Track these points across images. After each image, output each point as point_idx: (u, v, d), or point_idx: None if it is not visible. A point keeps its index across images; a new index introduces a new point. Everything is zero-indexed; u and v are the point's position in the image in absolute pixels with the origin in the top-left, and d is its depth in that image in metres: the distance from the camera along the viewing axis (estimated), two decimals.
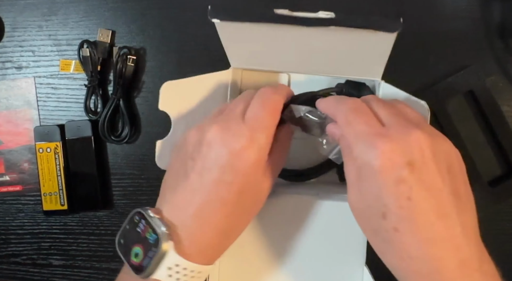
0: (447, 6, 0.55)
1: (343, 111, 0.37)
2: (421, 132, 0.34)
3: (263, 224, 0.50)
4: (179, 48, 0.58)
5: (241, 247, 0.50)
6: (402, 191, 0.32)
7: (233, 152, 0.36)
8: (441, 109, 0.53)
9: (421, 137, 0.33)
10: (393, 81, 0.50)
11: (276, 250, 0.50)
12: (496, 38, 0.54)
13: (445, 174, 0.34)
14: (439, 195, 0.33)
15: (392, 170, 0.33)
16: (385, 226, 0.33)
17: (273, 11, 0.41)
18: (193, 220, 0.37)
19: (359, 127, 0.35)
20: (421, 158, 0.33)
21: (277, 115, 0.40)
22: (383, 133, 0.34)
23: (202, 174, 0.37)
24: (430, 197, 0.32)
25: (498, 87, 0.54)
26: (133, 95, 0.58)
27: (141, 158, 0.59)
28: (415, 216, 0.32)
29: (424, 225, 0.32)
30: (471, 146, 0.53)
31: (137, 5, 0.58)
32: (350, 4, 0.55)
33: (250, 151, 0.37)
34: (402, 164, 0.32)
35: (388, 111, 0.37)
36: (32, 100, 0.60)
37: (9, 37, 0.60)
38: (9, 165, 0.60)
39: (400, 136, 0.34)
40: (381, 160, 0.33)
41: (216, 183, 0.37)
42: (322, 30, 0.41)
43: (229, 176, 0.37)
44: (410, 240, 0.33)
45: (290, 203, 0.49)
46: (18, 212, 0.60)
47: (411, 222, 0.32)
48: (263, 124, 0.38)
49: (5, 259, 0.60)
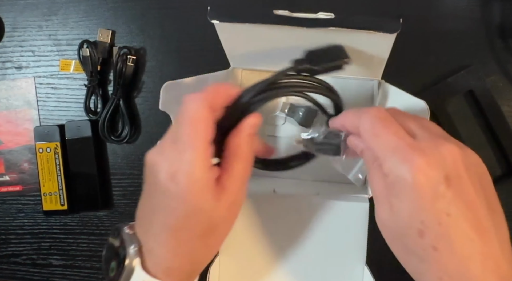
0: (447, 6, 0.54)
1: (367, 121, 0.34)
2: (453, 145, 0.32)
3: (264, 224, 0.50)
4: (179, 48, 0.58)
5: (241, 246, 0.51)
6: (441, 207, 0.31)
7: (168, 177, 0.35)
8: (441, 109, 0.53)
9: (454, 149, 0.32)
10: (393, 81, 0.50)
11: (277, 249, 0.50)
12: (496, 38, 0.54)
13: (478, 188, 0.32)
14: (476, 210, 0.31)
15: (429, 185, 0.31)
16: (422, 244, 0.31)
17: (272, 12, 0.41)
18: (154, 241, 0.37)
19: (389, 139, 0.33)
20: (456, 172, 0.31)
21: (201, 127, 0.35)
22: (415, 146, 0.32)
23: (149, 199, 0.37)
24: (468, 213, 0.31)
25: (498, 87, 0.54)
26: (133, 95, 0.58)
27: (141, 158, 0.58)
28: (455, 233, 0.31)
29: (464, 242, 0.31)
30: (471, 146, 0.53)
31: (137, 5, 0.58)
32: (350, 5, 0.55)
33: (180, 175, 0.34)
34: (439, 179, 0.31)
35: (416, 123, 0.35)
36: (32, 100, 0.60)
37: (9, 37, 0.60)
38: (9, 165, 0.60)
39: (433, 149, 0.32)
40: (417, 175, 0.31)
41: (162, 208, 0.36)
42: (321, 31, 0.41)
43: (170, 201, 0.35)
44: (449, 258, 0.31)
45: (291, 202, 0.49)
46: (18, 212, 0.60)
47: (451, 239, 0.31)
48: (188, 143, 0.34)
49: (5, 259, 0.60)
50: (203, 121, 0.35)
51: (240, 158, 0.37)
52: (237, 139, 0.37)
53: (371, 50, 0.44)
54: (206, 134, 0.35)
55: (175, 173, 0.34)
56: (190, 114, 0.35)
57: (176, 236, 0.36)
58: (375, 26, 0.40)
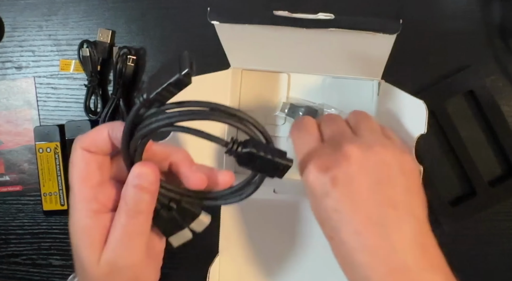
0: (447, 6, 0.54)
1: (292, 128, 0.41)
2: (353, 145, 0.36)
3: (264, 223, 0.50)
4: (179, 48, 0.58)
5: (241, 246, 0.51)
6: (329, 204, 0.35)
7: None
8: (441, 109, 0.53)
9: (351, 151, 0.35)
10: (393, 81, 0.50)
11: (277, 249, 0.50)
12: (496, 38, 0.54)
13: (374, 185, 0.35)
14: (366, 206, 0.34)
15: (318, 186, 0.35)
16: (325, 232, 0.37)
17: (272, 13, 0.41)
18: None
19: (299, 146, 0.39)
20: (345, 172, 0.35)
21: (76, 170, 0.33)
22: (317, 151, 0.37)
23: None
24: (357, 208, 0.34)
25: (498, 87, 0.54)
26: (133, 95, 0.58)
27: None
28: (342, 226, 0.34)
29: (351, 234, 0.34)
30: (471, 146, 0.53)
31: (137, 5, 0.58)
32: (350, 5, 0.55)
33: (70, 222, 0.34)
34: (326, 180, 0.35)
35: (331, 128, 0.39)
36: (32, 100, 0.60)
37: (9, 37, 0.60)
38: (9, 165, 0.60)
39: (330, 152, 0.36)
40: (308, 177, 0.36)
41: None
42: (321, 32, 0.41)
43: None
44: (342, 249, 0.35)
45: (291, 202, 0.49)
46: (18, 212, 0.60)
47: (340, 232, 0.34)
48: (71, 189, 0.34)
49: (5, 259, 0.60)
50: (77, 165, 0.33)
51: (124, 211, 0.33)
52: (124, 189, 0.33)
53: (371, 50, 0.44)
54: (84, 177, 0.33)
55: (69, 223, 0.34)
56: (71, 158, 0.34)
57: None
58: (375, 26, 0.40)
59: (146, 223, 0.34)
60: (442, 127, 0.53)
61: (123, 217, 0.33)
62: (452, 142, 0.53)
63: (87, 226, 0.33)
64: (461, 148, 0.53)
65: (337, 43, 0.44)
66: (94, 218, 0.33)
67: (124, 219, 0.33)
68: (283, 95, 0.54)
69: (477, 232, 0.55)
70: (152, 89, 0.30)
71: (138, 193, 0.33)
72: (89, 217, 0.33)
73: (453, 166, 0.54)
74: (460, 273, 0.34)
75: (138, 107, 0.31)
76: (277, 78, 0.54)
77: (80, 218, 0.33)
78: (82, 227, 0.33)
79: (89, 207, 0.33)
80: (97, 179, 0.34)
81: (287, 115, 0.54)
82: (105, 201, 0.34)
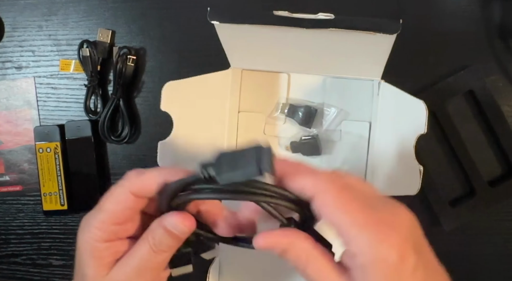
0: (447, 6, 0.54)
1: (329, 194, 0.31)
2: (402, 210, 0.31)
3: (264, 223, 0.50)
4: (179, 48, 0.58)
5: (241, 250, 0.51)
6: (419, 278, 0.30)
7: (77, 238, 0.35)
8: (441, 109, 0.53)
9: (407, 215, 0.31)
10: (393, 81, 0.50)
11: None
12: (496, 38, 0.54)
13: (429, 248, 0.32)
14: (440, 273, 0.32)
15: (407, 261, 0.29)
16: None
17: (272, 13, 0.41)
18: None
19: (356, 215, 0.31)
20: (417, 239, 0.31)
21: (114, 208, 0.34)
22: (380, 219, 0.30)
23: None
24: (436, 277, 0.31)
25: (498, 87, 0.54)
26: (133, 95, 0.58)
27: (141, 158, 0.59)
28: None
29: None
30: (471, 146, 0.53)
31: (137, 5, 0.58)
32: (350, 5, 0.55)
33: (79, 238, 0.35)
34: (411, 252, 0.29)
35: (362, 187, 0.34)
36: (32, 100, 0.60)
37: (9, 37, 0.60)
38: (9, 165, 0.60)
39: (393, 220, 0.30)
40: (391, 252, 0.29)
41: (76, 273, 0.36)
42: (321, 32, 0.41)
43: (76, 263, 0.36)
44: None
45: None
46: (18, 212, 0.60)
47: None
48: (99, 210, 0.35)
49: (5, 259, 0.60)
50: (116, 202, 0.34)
51: (148, 244, 0.34)
52: (155, 224, 0.34)
53: (371, 50, 0.45)
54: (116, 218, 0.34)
55: (79, 235, 0.34)
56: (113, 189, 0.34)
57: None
58: (375, 26, 0.40)
59: (165, 261, 0.35)
60: (442, 127, 0.53)
61: (145, 250, 0.34)
62: (452, 142, 0.53)
63: (98, 249, 0.34)
64: (461, 148, 0.53)
65: (337, 43, 0.44)
66: (108, 244, 0.34)
67: (146, 251, 0.34)
68: (283, 95, 0.54)
69: (477, 232, 0.55)
70: (222, 173, 0.29)
71: (167, 237, 0.33)
72: (103, 243, 0.34)
73: (453, 166, 0.54)
74: (459, 273, 0.34)
75: (200, 179, 0.30)
76: (277, 78, 0.54)
77: (93, 240, 0.34)
78: (92, 249, 0.34)
79: (107, 237, 0.34)
80: (126, 218, 0.34)
81: (287, 115, 0.54)
82: (124, 233, 0.35)
